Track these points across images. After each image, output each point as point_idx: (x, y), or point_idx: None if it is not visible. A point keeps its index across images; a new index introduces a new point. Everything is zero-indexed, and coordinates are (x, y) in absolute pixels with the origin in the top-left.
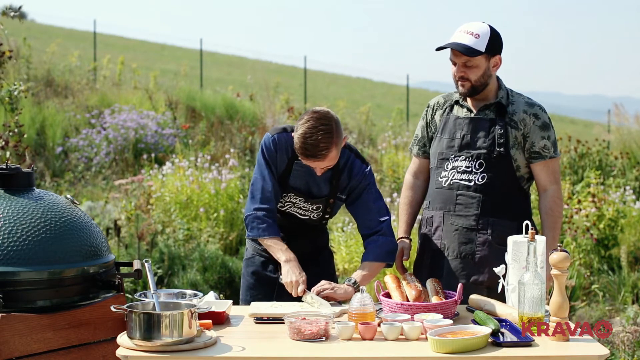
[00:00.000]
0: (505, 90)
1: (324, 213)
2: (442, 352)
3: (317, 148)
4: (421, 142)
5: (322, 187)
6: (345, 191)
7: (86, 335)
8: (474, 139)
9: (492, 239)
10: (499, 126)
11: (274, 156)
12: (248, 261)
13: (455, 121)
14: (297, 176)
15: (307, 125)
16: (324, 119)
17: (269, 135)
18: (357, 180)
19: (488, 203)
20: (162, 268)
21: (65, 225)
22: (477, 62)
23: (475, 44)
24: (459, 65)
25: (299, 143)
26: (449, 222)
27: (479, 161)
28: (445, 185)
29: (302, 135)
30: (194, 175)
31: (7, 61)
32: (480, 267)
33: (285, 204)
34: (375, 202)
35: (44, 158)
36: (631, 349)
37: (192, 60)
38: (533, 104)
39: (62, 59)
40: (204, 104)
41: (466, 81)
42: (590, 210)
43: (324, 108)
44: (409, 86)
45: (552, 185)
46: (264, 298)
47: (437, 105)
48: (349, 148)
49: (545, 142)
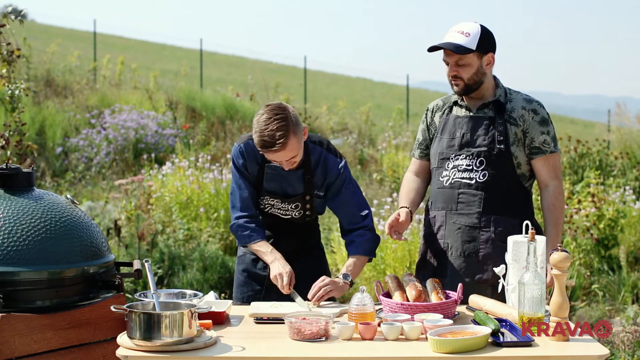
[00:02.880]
0: (503, 88)
1: (304, 211)
2: (442, 352)
3: (274, 138)
4: (423, 145)
5: (296, 187)
6: (322, 188)
7: (86, 335)
8: (474, 137)
9: (495, 237)
10: (498, 123)
11: (244, 165)
12: (239, 259)
13: (455, 120)
14: (270, 179)
15: (262, 118)
16: (277, 109)
17: (236, 145)
18: (333, 176)
19: (490, 200)
20: (162, 268)
21: (65, 225)
22: (469, 60)
23: (466, 42)
24: (451, 64)
25: (257, 137)
26: (452, 220)
27: (479, 159)
28: (447, 184)
29: (259, 129)
30: (194, 175)
31: (16, 60)
32: (484, 265)
33: (265, 206)
34: (354, 196)
35: (44, 158)
36: (631, 349)
37: (192, 60)
38: (531, 100)
39: (62, 59)
40: (204, 104)
41: (459, 80)
42: (590, 210)
43: (277, 101)
44: (409, 86)
45: (554, 181)
46: (254, 295)
47: (436, 108)
48: (319, 143)
49: (545, 137)
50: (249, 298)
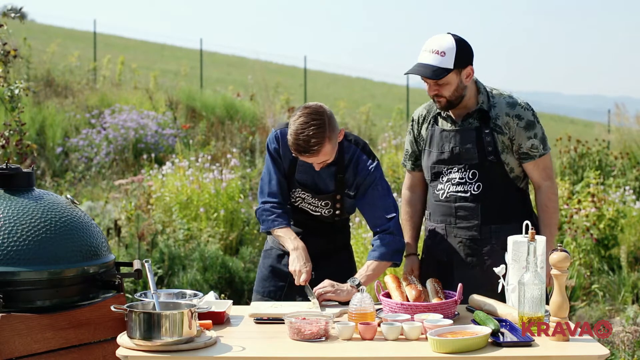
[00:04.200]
0: (484, 93)
1: (334, 210)
2: (442, 352)
3: (309, 144)
4: (412, 157)
5: (328, 183)
6: (352, 187)
7: (86, 335)
8: (462, 151)
9: (497, 247)
10: (485, 134)
11: (278, 151)
12: (265, 253)
13: (442, 134)
14: (303, 171)
15: (299, 121)
16: (315, 114)
17: (273, 131)
18: (362, 176)
19: (487, 211)
20: (162, 268)
21: (65, 225)
22: (448, 79)
23: (442, 62)
24: (430, 84)
25: (292, 139)
26: (452, 234)
27: (471, 171)
28: (443, 198)
29: (294, 131)
30: (194, 175)
31: (13, 60)
32: (492, 276)
33: (296, 199)
34: (382, 198)
35: (44, 158)
36: (631, 349)
37: (192, 60)
38: (514, 103)
39: (62, 59)
40: (204, 104)
41: (441, 98)
42: (590, 210)
43: (316, 103)
44: (409, 86)
45: (546, 182)
46: (276, 290)
47: (421, 118)
48: (355, 142)
49: (532, 141)
50: (270, 293)
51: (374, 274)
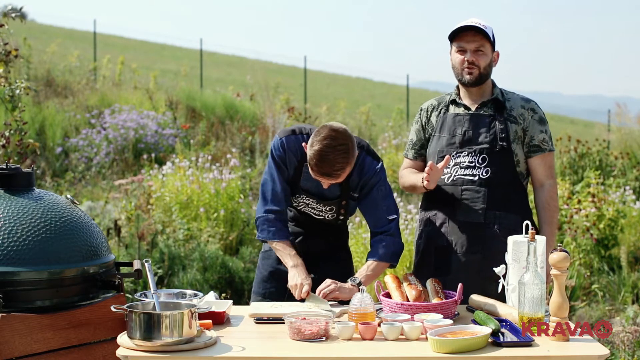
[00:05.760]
0: (498, 88)
1: (338, 214)
2: (442, 352)
3: (333, 168)
4: (417, 146)
5: (333, 189)
6: (357, 189)
7: (86, 335)
8: (475, 135)
9: (500, 232)
10: (499, 121)
11: (283, 158)
12: (264, 254)
13: (455, 118)
14: (307, 178)
15: (325, 143)
16: (342, 139)
17: (278, 138)
18: (368, 176)
19: (493, 197)
20: (162, 268)
21: (65, 225)
22: (487, 49)
23: (486, 30)
24: (470, 51)
25: (315, 159)
26: (455, 218)
27: (482, 156)
28: (449, 181)
29: (318, 152)
30: (194, 175)
31: (14, 60)
32: (489, 260)
33: (300, 204)
34: (384, 199)
35: (44, 158)
36: (631, 349)
37: (192, 60)
38: (528, 99)
39: (62, 59)
40: (204, 104)
41: (475, 67)
42: (590, 210)
43: (341, 125)
44: (409, 86)
45: (549, 180)
46: (277, 292)
47: (430, 107)
48: (359, 146)
49: (543, 135)
50: (270, 294)
51: (373, 274)
